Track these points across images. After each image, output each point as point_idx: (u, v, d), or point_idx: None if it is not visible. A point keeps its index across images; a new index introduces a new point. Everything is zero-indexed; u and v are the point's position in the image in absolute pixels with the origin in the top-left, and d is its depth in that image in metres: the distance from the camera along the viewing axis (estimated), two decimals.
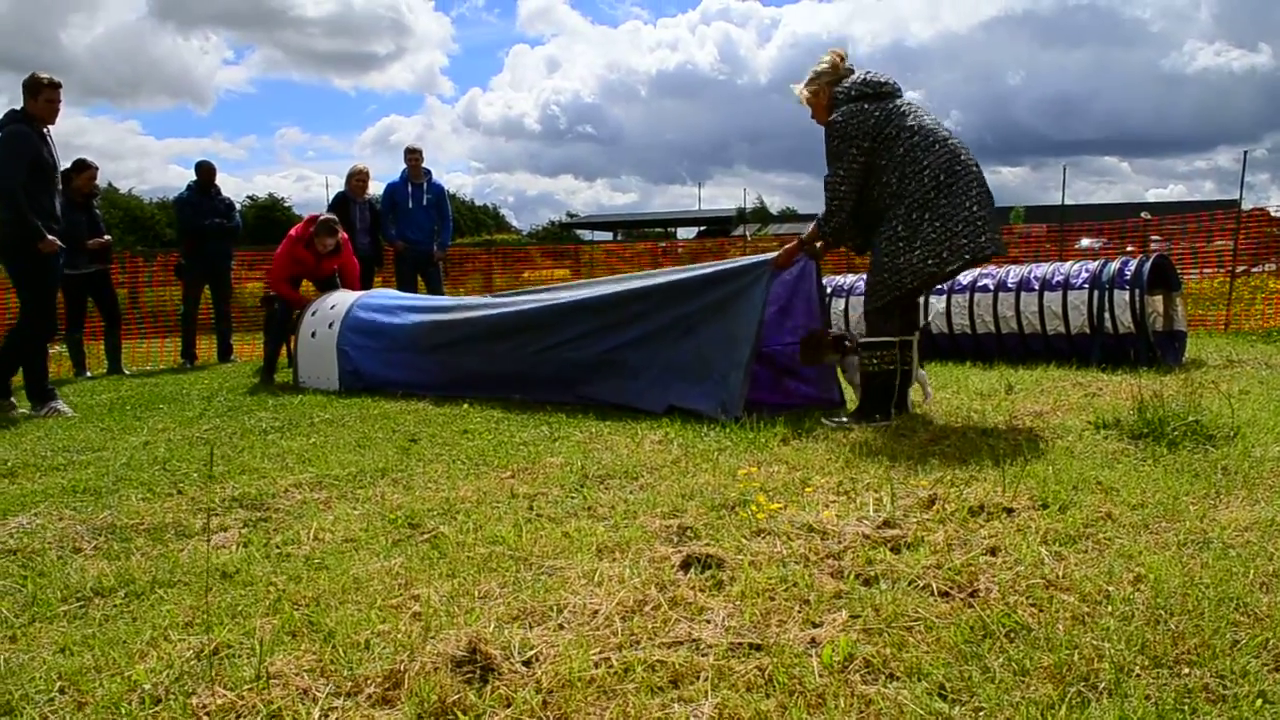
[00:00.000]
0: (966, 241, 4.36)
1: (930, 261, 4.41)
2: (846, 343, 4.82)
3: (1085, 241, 16.01)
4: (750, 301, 4.81)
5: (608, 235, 52.45)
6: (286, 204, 58.29)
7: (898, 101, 4.59)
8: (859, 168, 4.53)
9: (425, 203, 9.58)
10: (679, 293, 5.17)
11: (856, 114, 4.53)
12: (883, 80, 4.62)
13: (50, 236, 5.91)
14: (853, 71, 4.72)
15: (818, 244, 4.90)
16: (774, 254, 4.93)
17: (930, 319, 7.40)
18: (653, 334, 5.20)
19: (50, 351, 6.60)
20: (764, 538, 2.69)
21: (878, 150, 4.50)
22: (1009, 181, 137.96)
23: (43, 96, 5.94)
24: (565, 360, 5.52)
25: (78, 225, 8.46)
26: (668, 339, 5.13)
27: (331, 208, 9.31)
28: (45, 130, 6.00)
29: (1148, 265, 6.82)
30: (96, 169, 8.78)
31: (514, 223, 71.74)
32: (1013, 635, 1.96)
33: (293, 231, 7.81)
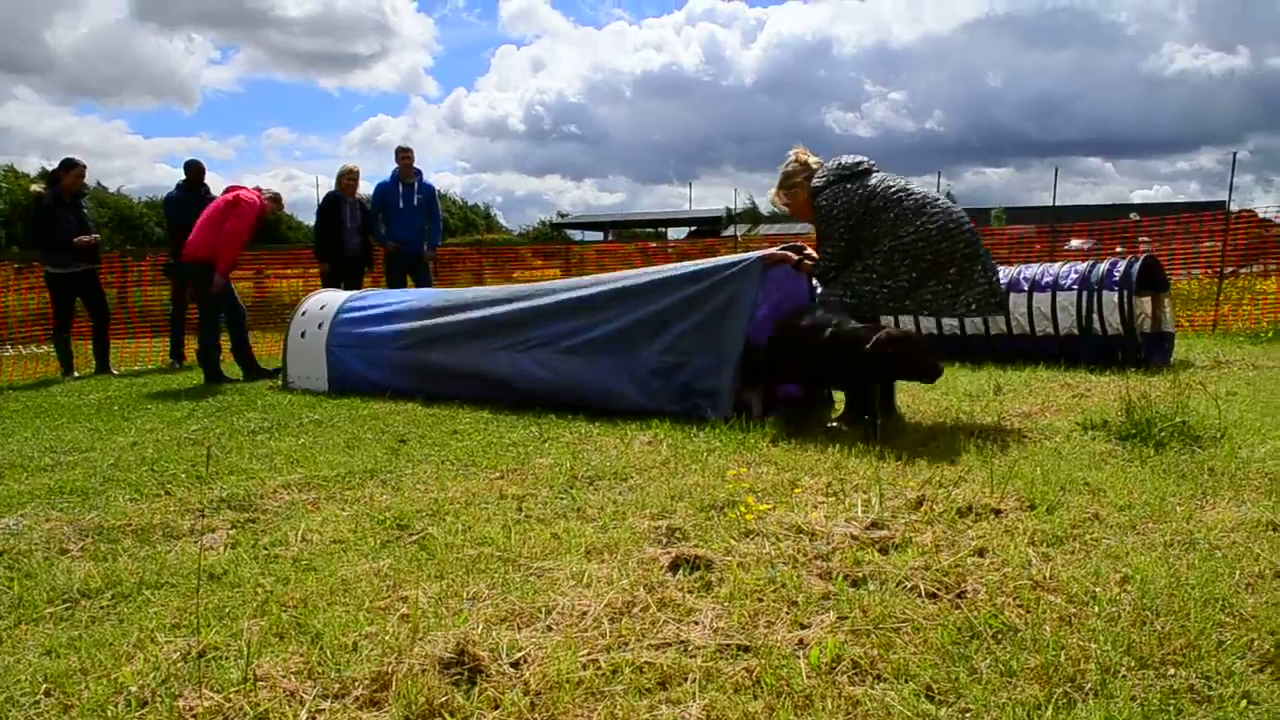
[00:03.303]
0: (931, 298, 4.53)
1: (891, 304, 4.57)
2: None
3: (1075, 243, 16.10)
4: (740, 300, 4.81)
5: (598, 235, 52.36)
6: None
7: (877, 176, 4.69)
8: (845, 246, 4.65)
9: (416, 203, 9.54)
10: (652, 290, 5.17)
11: (840, 195, 4.65)
12: (858, 160, 4.75)
13: None
14: (821, 164, 4.84)
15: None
16: (766, 250, 4.96)
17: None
18: (621, 331, 5.18)
19: (39, 352, 6.50)
20: (753, 539, 2.69)
21: (865, 223, 4.58)
22: (993, 183, 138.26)
23: None
24: (536, 358, 5.49)
25: (66, 224, 8.41)
26: (637, 336, 5.11)
27: (322, 207, 9.28)
28: None
29: (1136, 266, 6.85)
30: (84, 168, 8.71)
31: (503, 222, 71.47)
32: (1000, 636, 1.97)
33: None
